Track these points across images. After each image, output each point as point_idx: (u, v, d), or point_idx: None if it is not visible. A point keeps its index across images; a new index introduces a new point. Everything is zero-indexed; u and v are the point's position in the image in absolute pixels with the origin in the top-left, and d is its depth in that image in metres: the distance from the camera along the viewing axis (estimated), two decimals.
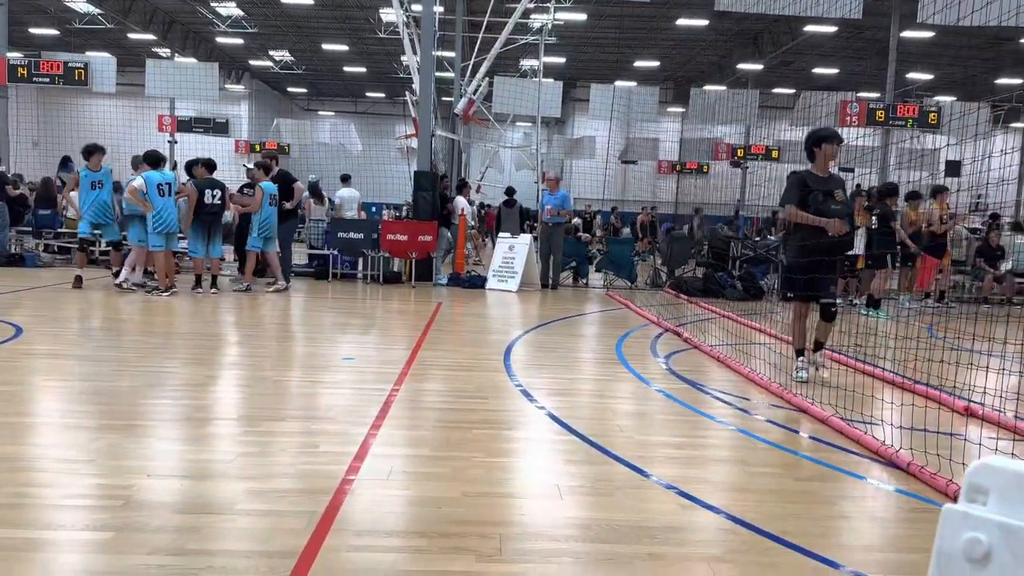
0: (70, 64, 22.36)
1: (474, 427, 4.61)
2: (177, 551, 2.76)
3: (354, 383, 5.70)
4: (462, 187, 15.81)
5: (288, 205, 11.62)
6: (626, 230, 23.08)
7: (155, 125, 29.91)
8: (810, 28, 25.48)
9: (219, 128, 31.47)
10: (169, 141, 28.95)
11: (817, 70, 33.08)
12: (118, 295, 10.01)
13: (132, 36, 30.73)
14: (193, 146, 26.86)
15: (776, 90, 35.33)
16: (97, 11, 28.10)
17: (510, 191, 18.35)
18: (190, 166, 11.04)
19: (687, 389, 5.86)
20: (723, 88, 29.77)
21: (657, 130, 30.48)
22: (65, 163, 17.71)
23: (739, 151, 30.95)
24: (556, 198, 13.09)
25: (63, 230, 13.71)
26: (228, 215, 14.94)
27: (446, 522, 3.16)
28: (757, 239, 15.53)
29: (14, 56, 23.65)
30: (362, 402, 5.06)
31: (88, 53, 28.27)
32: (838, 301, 11.92)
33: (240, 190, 11.81)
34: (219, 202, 10.57)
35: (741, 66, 31.24)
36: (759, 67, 30.79)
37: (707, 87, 30.70)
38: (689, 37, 29.79)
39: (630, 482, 3.75)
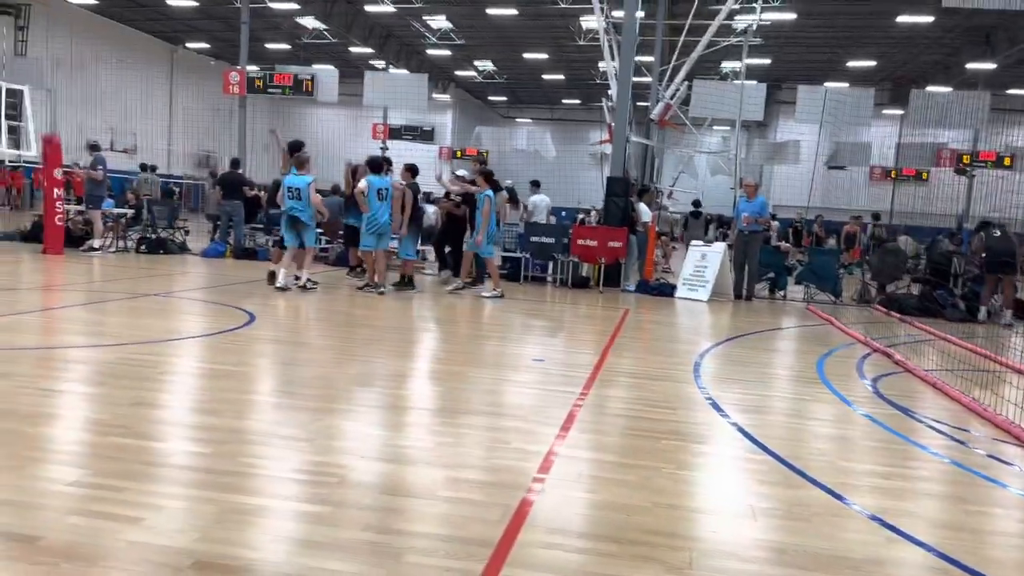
0: (299, 76, 24.66)
1: (663, 437, 4.57)
2: (385, 530, 2.99)
3: (543, 384, 5.84)
4: (643, 193, 15.62)
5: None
6: (831, 240, 21.74)
7: (369, 132, 32.16)
8: None
9: (426, 135, 33.29)
10: (381, 147, 30.98)
11: None
12: (327, 293, 10.89)
13: (353, 49, 33.25)
14: (402, 152, 28.65)
15: (1012, 91, 31.81)
16: (324, 27, 30.72)
17: (696, 203, 19.80)
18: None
19: (896, 415, 5.45)
20: (948, 90, 27.23)
21: (871, 134, 28.40)
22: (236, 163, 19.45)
23: (965, 157, 28.14)
24: (754, 205, 12.60)
25: None
26: (432, 217, 15.78)
27: (635, 530, 3.17)
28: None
29: (252, 69, 26.41)
30: (551, 404, 5.18)
31: (314, 66, 31.00)
32: None
33: (446, 196, 12.48)
34: (421, 206, 11.24)
35: (970, 65, 28.41)
36: (991, 66, 27.85)
37: (930, 88, 28.23)
38: (911, 35, 27.54)
39: (829, 509, 3.56)
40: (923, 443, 4.78)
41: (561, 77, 38.37)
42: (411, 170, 11.36)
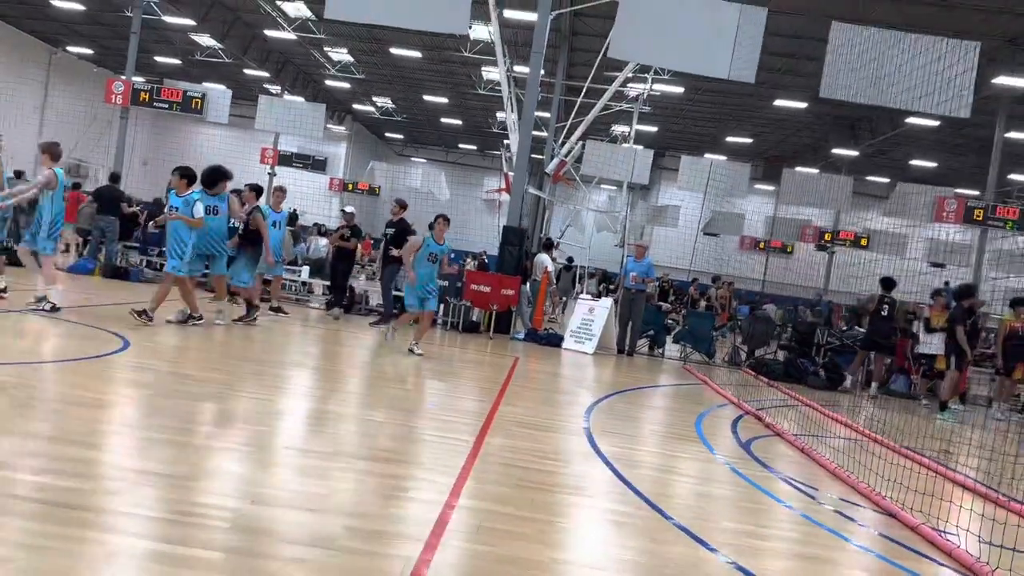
0: (189, 93, 23.81)
1: (557, 490, 4.65)
2: None
3: (438, 431, 5.81)
4: (549, 246, 16.04)
5: (394, 253, 12.18)
6: (703, 302, 22.86)
7: (258, 157, 31.31)
8: (912, 120, 25.13)
9: (318, 165, 32.75)
10: (269, 173, 30.23)
11: (915, 162, 32.50)
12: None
13: (247, 71, 32.47)
14: (290, 180, 28.03)
15: (870, 178, 34.79)
16: (219, 45, 29.90)
17: (570, 259, 21.92)
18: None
19: (769, 477, 5.76)
20: (815, 171, 29.49)
21: (744, 206, 30.29)
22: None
23: (827, 235, 30.43)
24: (642, 265, 13.15)
25: None
26: (323, 250, 15.50)
27: None
28: (844, 328, 15.16)
29: (138, 81, 25.31)
30: (446, 451, 5.16)
31: (206, 84, 30.03)
32: (923, 401, 11.65)
33: (338, 231, 12.47)
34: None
35: (836, 150, 30.94)
36: (854, 153, 30.44)
37: (799, 168, 30.47)
38: (785, 118, 29.75)
39: (723, 572, 3.71)
40: (801, 509, 5.07)
41: (459, 122, 38.87)
42: (255, 191, 10.83)
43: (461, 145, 44.96)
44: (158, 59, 33.32)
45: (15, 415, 4.74)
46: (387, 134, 45.74)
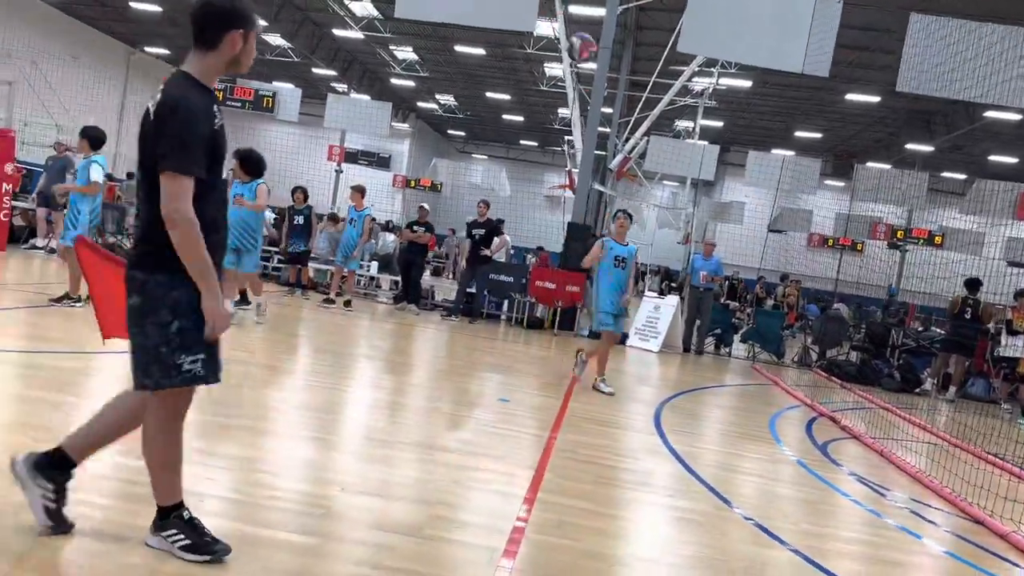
0: (260, 92, 24.43)
1: (634, 488, 4.66)
2: (377, 566, 2.97)
3: (512, 425, 5.86)
4: None
5: (485, 252, 12.71)
6: (769, 301, 22.44)
7: (325, 154, 31.94)
8: (991, 114, 24.17)
9: (382, 162, 33.22)
10: (336, 170, 30.81)
11: (994, 157, 31.22)
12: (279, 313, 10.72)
13: (315, 71, 33.15)
14: (356, 177, 28.53)
15: (946, 174, 33.59)
16: (288, 45, 30.58)
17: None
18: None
19: (847, 479, 5.66)
20: (888, 167, 28.62)
21: (813, 202, 29.57)
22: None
23: (899, 232, 29.48)
24: (711, 263, 12.99)
25: None
26: (390, 245, 15.75)
27: None
28: (920, 329, 14.71)
29: None
30: (523, 446, 5.22)
31: (275, 83, 30.76)
32: (1004, 406, 11.23)
33: (409, 227, 12.72)
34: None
35: (910, 146, 29.96)
36: (929, 148, 29.43)
37: (871, 163, 29.63)
38: (857, 112, 28.93)
39: (800, 571, 3.68)
40: (877, 509, 4.97)
41: (521, 118, 38.92)
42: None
43: (522, 141, 45.00)
44: None
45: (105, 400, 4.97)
46: (449, 131, 46.10)
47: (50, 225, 13.71)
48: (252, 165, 8.18)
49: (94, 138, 8.17)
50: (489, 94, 34.51)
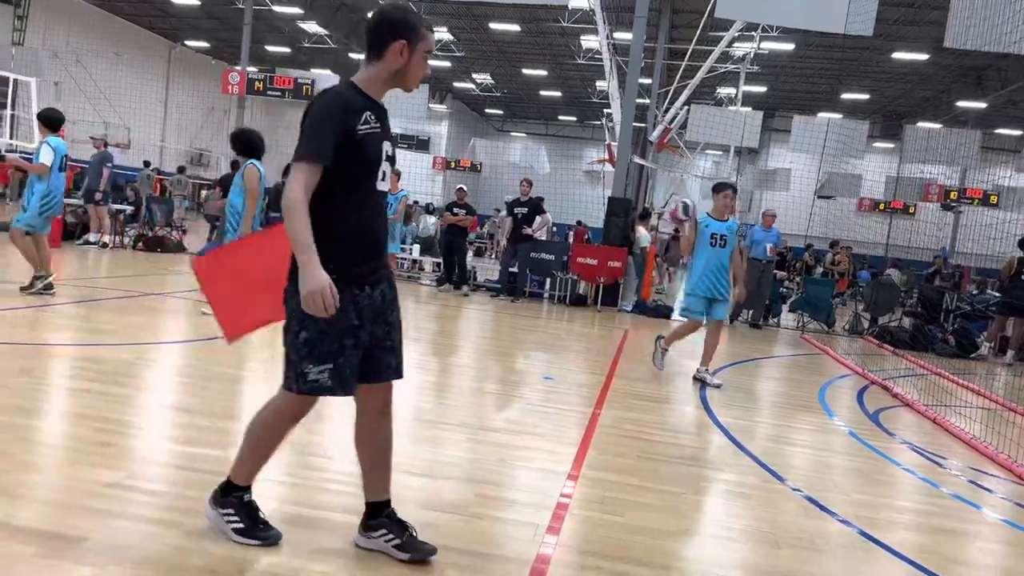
0: (299, 80, 24.65)
1: (680, 462, 4.64)
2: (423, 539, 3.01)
3: (555, 403, 5.88)
4: (645, 217, 15.83)
5: (527, 231, 12.81)
6: (819, 269, 22.01)
7: None
8: None
9: (421, 145, 33.37)
10: None
11: None
12: None
13: (353, 55, 33.31)
14: (397, 161, 28.71)
15: (1000, 131, 32.41)
16: (325, 32, 30.78)
17: (676, 231, 20.33)
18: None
19: (900, 448, 5.55)
20: (938, 126, 27.72)
21: (861, 166, 28.82)
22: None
23: (952, 193, 28.60)
24: (771, 235, 12.80)
25: None
26: (431, 228, 15.84)
27: (666, 555, 3.23)
28: (975, 292, 14.28)
29: (251, 71, 26.37)
30: (566, 423, 5.23)
31: (314, 70, 31.02)
32: None
33: (449, 209, 12.80)
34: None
35: (961, 103, 28.96)
36: (982, 105, 28.39)
37: (921, 123, 28.73)
38: (905, 70, 28.04)
39: (851, 542, 3.63)
40: (935, 480, 4.87)
41: (558, 94, 38.64)
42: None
43: (560, 117, 44.70)
44: (269, 48, 34.61)
45: (165, 391, 5.13)
46: (487, 110, 45.98)
47: (112, 220, 14.10)
48: (241, 144, 7.74)
49: (47, 119, 8.00)
50: (526, 70, 34.30)
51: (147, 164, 22.51)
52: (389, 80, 2.74)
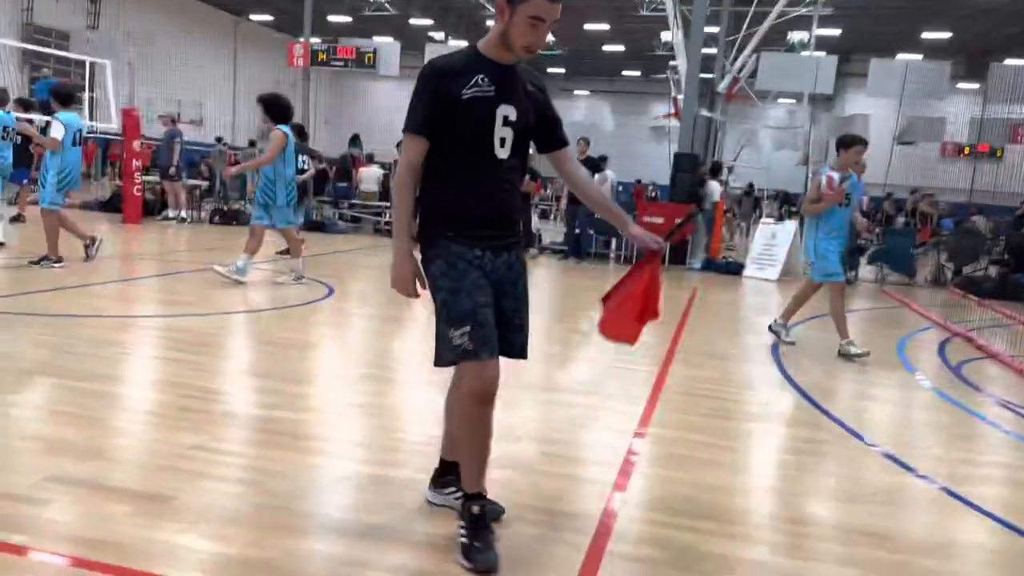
0: (362, 49, 24.80)
1: (750, 420, 4.59)
2: (505, 502, 3.08)
3: (622, 362, 5.86)
4: (716, 171, 15.44)
5: None
6: (900, 219, 21.19)
7: None
8: None
9: None
10: None
11: None
12: None
13: (412, 22, 33.28)
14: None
15: None
16: None
17: (750, 186, 21.99)
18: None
19: (984, 401, 5.35)
20: None
21: (944, 109, 27.40)
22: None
23: None
24: (861, 187, 12.35)
25: (357, 201, 15.40)
26: None
27: (734, 511, 3.21)
28: None
29: (314, 42, 26.65)
30: (632, 381, 5.22)
31: (375, 38, 31.15)
32: None
33: None
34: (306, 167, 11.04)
35: None
36: None
37: (1008, 61, 27.07)
38: (990, 5, 26.37)
39: (929, 496, 3.55)
40: (1019, 433, 4.70)
41: (621, 48, 37.81)
42: (298, 131, 10.17)
43: (624, 72, 43.74)
44: (330, 19, 34.85)
45: (242, 358, 5.34)
46: (549, 70, 45.36)
47: (188, 195, 14.57)
48: (277, 111, 7.76)
49: (57, 94, 8.06)
50: (587, 25, 33.64)
51: (219, 140, 23.07)
52: (500, 43, 2.53)
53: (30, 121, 10.86)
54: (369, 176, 15.38)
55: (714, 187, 13.88)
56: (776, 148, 26.47)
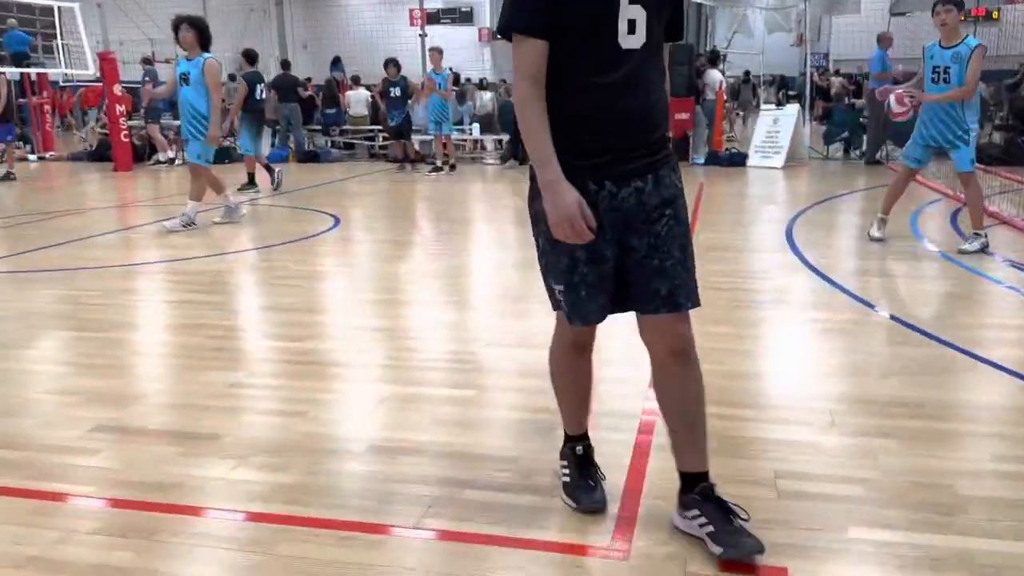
0: None
1: (773, 307, 4.61)
2: (530, 408, 3.13)
3: None
4: (715, 60, 15.05)
5: None
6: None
7: (407, 21, 31.23)
8: None
9: (464, 17, 32.17)
10: (420, 35, 30.20)
11: None
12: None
13: None
14: (440, 40, 27.96)
15: None
16: None
17: (747, 73, 21.38)
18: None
19: (1002, 267, 5.36)
20: None
21: None
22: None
23: None
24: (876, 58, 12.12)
25: (348, 127, 15.12)
26: (488, 104, 15.47)
27: (769, 395, 3.26)
28: None
29: None
30: None
31: None
32: None
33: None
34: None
35: None
36: None
37: None
38: None
39: (958, 363, 3.59)
40: None
41: None
42: (247, 57, 11.31)
43: None
44: None
45: (260, 294, 5.33)
46: None
47: (170, 140, 14.31)
48: (208, 38, 7.24)
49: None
50: None
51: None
52: None
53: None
54: (357, 99, 15.06)
55: (714, 76, 13.56)
56: (769, 31, 25.75)
